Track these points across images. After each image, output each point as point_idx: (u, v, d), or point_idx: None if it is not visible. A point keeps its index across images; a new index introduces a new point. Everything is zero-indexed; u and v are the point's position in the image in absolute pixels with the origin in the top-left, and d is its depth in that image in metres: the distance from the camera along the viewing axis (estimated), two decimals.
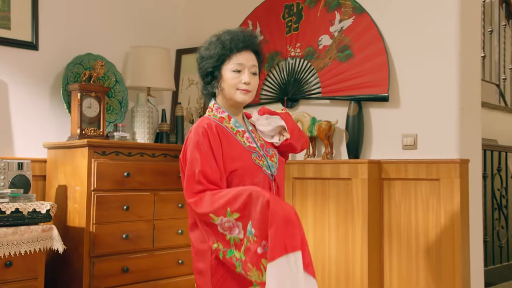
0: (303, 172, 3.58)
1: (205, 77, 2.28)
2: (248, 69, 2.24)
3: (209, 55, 2.25)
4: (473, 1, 3.41)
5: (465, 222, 3.16)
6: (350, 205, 3.39)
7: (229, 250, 2.02)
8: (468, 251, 3.19)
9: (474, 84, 3.41)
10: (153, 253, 3.59)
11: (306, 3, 3.81)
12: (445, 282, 3.13)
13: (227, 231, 2.02)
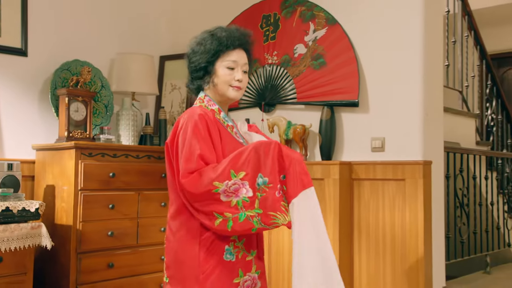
0: None
1: (197, 71, 2.19)
2: (241, 67, 2.19)
3: (204, 50, 2.17)
4: (436, 15, 3.50)
5: (428, 219, 3.24)
6: (322, 203, 3.43)
7: (240, 214, 1.93)
8: (430, 246, 3.27)
9: (437, 91, 3.49)
10: (137, 250, 3.61)
11: (282, 14, 3.87)
12: (410, 276, 3.21)
13: (233, 196, 1.94)
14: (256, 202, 1.93)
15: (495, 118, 5.65)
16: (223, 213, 1.93)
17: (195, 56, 2.20)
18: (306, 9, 3.74)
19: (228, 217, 1.93)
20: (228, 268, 2.01)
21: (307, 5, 3.74)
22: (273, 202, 1.92)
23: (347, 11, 3.58)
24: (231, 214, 1.92)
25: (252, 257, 2.08)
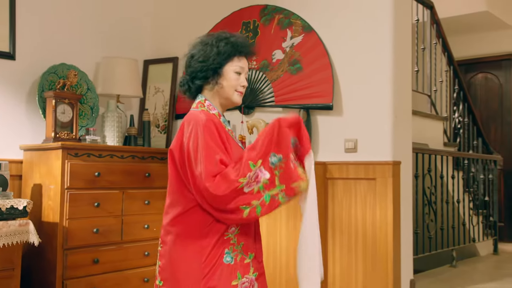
0: None
1: (204, 71, 2.06)
2: (245, 74, 2.14)
3: (218, 52, 2.05)
4: (405, 24, 3.54)
5: (397, 216, 3.30)
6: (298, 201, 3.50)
7: (264, 197, 1.90)
8: (399, 242, 3.32)
9: (406, 95, 3.53)
10: (122, 246, 3.62)
11: (261, 21, 3.91)
12: (380, 269, 3.26)
13: (254, 183, 1.90)
14: (276, 180, 1.91)
15: (462, 121, 5.73)
16: (250, 202, 1.89)
17: (205, 56, 2.06)
18: (283, 17, 3.78)
19: (255, 204, 1.89)
20: (227, 271, 1.97)
21: (285, 13, 3.78)
22: (291, 174, 1.91)
23: (322, 19, 3.62)
24: (257, 200, 1.89)
25: (250, 260, 2.04)
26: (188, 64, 2.12)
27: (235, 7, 4.03)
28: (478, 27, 6.54)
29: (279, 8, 3.81)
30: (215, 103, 2.10)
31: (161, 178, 3.91)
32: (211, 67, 2.05)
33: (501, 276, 4.35)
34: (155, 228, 3.84)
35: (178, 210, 2.01)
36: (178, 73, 4.29)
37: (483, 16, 6.12)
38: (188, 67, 2.12)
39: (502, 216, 6.60)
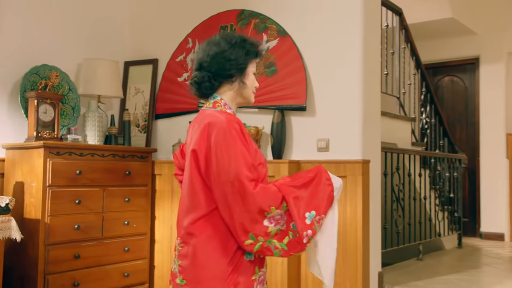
0: None
1: (233, 70, 1.98)
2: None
3: (247, 52, 2.00)
4: (374, 29, 3.60)
5: (366, 212, 3.35)
6: None
7: (268, 241, 1.86)
8: (368, 236, 3.38)
9: (375, 97, 3.58)
10: (102, 242, 3.63)
11: (238, 25, 3.94)
12: (350, 263, 3.32)
13: (273, 224, 1.86)
14: (286, 238, 1.87)
15: (429, 121, 5.80)
16: (258, 236, 1.85)
17: (235, 55, 1.98)
18: (259, 21, 3.83)
19: (259, 241, 1.86)
20: (247, 267, 1.95)
21: (261, 18, 3.82)
22: (298, 246, 1.88)
23: (296, 24, 3.67)
24: (263, 239, 1.85)
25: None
26: (211, 61, 1.99)
27: (213, 11, 4.06)
28: (445, 32, 6.66)
29: (255, 13, 3.85)
30: (232, 102, 2.04)
31: (141, 176, 3.93)
32: (240, 66, 1.99)
33: (464, 268, 4.46)
34: (135, 225, 3.85)
35: (201, 211, 1.93)
36: (158, 74, 4.31)
37: (449, 22, 6.23)
38: (210, 64, 1.99)
39: (466, 212, 6.73)
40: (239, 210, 1.84)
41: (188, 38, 4.18)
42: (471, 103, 6.95)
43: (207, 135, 1.90)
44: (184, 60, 4.18)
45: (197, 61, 2.05)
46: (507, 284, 3.84)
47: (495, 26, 6.59)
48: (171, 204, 3.98)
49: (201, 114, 2.02)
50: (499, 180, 6.51)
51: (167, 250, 3.99)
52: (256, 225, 1.84)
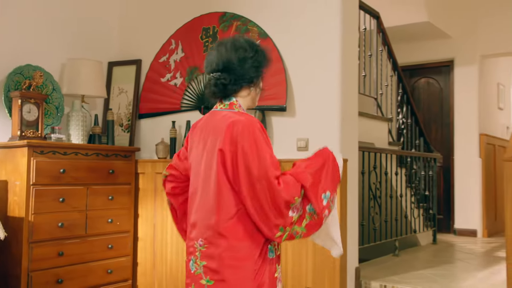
0: None
1: (256, 76, 2.04)
2: None
3: (268, 59, 2.08)
4: (352, 32, 3.64)
5: (343, 209, 3.38)
6: None
7: (292, 229, 1.91)
8: (345, 233, 3.41)
9: (353, 98, 3.61)
10: (86, 239, 3.62)
11: (220, 27, 3.95)
12: (328, 258, 3.32)
13: (295, 212, 1.91)
14: (304, 222, 1.94)
15: (405, 122, 5.87)
16: (286, 227, 1.90)
17: (259, 63, 2.03)
18: (241, 23, 3.84)
19: (286, 231, 1.91)
20: (271, 264, 1.98)
21: (242, 20, 3.84)
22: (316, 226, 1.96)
23: (277, 27, 3.70)
24: (289, 229, 1.91)
25: (279, 251, 2.07)
26: (239, 65, 1.99)
27: (195, 14, 4.07)
28: (421, 36, 6.74)
29: (237, 15, 3.86)
30: (244, 105, 2.06)
31: (125, 175, 3.92)
32: (261, 73, 2.05)
33: (438, 263, 4.53)
34: (119, 222, 3.85)
35: (231, 211, 1.92)
36: (141, 74, 4.30)
37: (425, 26, 6.31)
38: (239, 68, 1.99)
39: (441, 209, 6.82)
40: (268, 207, 1.87)
41: (171, 39, 4.18)
42: (446, 104, 7.05)
43: (233, 135, 1.90)
44: (167, 61, 4.18)
45: (221, 61, 2.00)
46: (479, 278, 3.91)
47: (469, 30, 6.69)
48: (154, 202, 3.98)
49: (215, 114, 2.03)
50: (472, 179, 6.61)
51: (150, 247, 3.99)
52: (284, 218, 1.89)
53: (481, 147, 6.64)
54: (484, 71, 6.87)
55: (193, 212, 2.01)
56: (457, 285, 3.64)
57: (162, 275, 3.92)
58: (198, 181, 2.00)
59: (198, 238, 1.96)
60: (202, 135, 2.03)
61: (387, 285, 3.63)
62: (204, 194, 1.97)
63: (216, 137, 1.95)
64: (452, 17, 6.70)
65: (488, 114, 6.97)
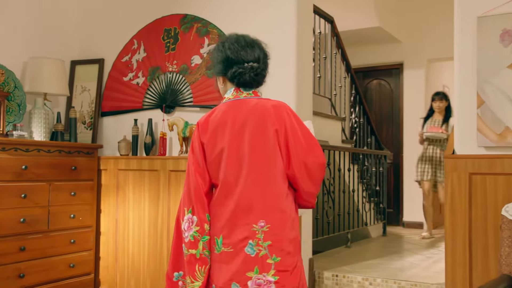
0: (177, 166, 3.72)
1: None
2: None
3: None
4: (307, 35, 3.70)
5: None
6: None
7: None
8: (300, 226, 3.49)
9: (307, 98, 3.68)
10: (48, 234, 3.58)
11: (181, 29, 3.96)
12: None
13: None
14: None
15: (358, 121, 5.99)
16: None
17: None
18: (201, 26, 3.87)
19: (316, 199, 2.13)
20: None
21: (203, 23, 3.86)
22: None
23: (236, 29, 3.66)
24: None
25: None
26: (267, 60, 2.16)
27: (157, 15, 4.07)
28: (372, 40, 6.91)
29: (198, 17, 3.88)
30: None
31: (87, 171, 3.89)
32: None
33: (387, 253, 4.68)
34: (81, 218, 3.81)
35: (285, 189, 1.96)
36: (104, 73, 4.27)
37: (377, 31, 6.48)
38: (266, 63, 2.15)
39: (391, 203, 7.01)
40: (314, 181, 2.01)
41: (133, 39, 4.16)
42: (396, 105, 7.24)
43: (282, 116, 1.98)
44: (129, 60, 4.16)
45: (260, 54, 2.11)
46: (423, 266, 4.07)
47: (417, 35, 6.90)
48: (117, 198, 3.96)
49: (244, 102, 2.03)
50: None
51: (112, 241, 3.97)
52: (320, 185, 2.09)
53: None
54: (431, 74, 7.10)
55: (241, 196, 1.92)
56: (403, 273, 3.77)
57: (124, 268, 3.90)
58: (239, 165, 1.94)
59: (257, 220, 1.91)
60: (238, 121, 1.98)
61: (338, 274, 3.72)
62: (256, 176, 1.93)
63: (264, 119, 1.97)
64: (401, 23, 6.90)
65: None
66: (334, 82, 5.56)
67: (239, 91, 2.07)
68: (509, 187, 2.75)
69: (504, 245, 2.45)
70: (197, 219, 1.94)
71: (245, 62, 2.04)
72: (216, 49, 2.11)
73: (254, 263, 1.89)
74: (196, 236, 1.94)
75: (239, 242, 1.91)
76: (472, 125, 2.88)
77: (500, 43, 2.78)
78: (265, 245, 1.90)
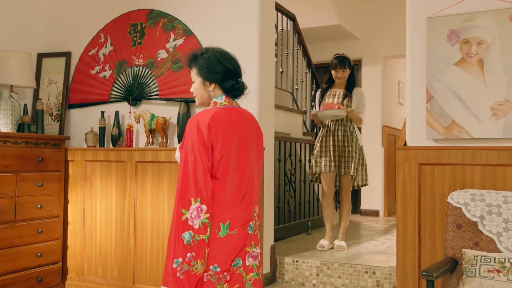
0: (144, 157, 3.71)
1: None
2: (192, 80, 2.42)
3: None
4: (269, 31, 3.72)
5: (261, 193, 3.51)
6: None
7: None
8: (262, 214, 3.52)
9: (269, 92, 3.72)
10: (15, 224, 3.51)
11: (148, 24, 3.93)
12: None
13: None
14: None
15: None
16: None
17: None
18: (167, 21, 3.85)
19: None
20: None
21: (169, 18, 3.84)
22: None
23: (200, 25, 3.73)
24: None
25: None
26: None
27: (124, 10, 4.02)
28: (332, 37, 7.00)
29: (164, 13, 3.86)
30: None
31: (54, 162, 3.83)
32: None
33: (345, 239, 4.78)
34: (48, 208, 3.76)
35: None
36: (71, 66, 4.19)
37: (336, 28, 6.56)
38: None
39: None
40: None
41: (100, 33, 4.10)
42: None
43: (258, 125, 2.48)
44: (96, 54, 4.10)
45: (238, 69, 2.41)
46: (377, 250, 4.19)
47: (374, 33, 7.04)
48: (84, 188, 3.91)
49: (239, 110, 2.37)
50: (376, 165, 6.98)
51: (79, 231, 3.93)
52: None
53: (384, 137, 7.02)
54: (387, 70, 7.26)
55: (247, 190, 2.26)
56: (359, 258, 3.88)
57: (91, 256, 3.87)
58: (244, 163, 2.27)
59: (255, 206, 2.31)
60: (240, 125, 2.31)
61: (298, 260, 3.80)
62: (255, 175, 2.33)
63: (255, 126, 2.41)
64: (360, 21, 7.02)
65: (390, 108, 7.38)
66: (296, 77, 5.62)
67: (229, 99, 2.35)
68: (455, 176, 2.87)
69: (449, 230, 2.57)
70: (206, 207, 2.13)
71: (239, 77, 2.39)
72: (215, 60, 2.34)
73: (252, 239, 2.27)
74: (206, 222, 2.12)
75: (244, 224, 2.23)
76: (422, 119, 2.99)
77: (448, 43, 2.89)
78: (257, 224, 2.32)
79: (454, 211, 2.57)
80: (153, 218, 3.64)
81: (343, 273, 3.62)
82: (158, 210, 3.64)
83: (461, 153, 2.85)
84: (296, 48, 5.57)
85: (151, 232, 3.65)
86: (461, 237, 2.51)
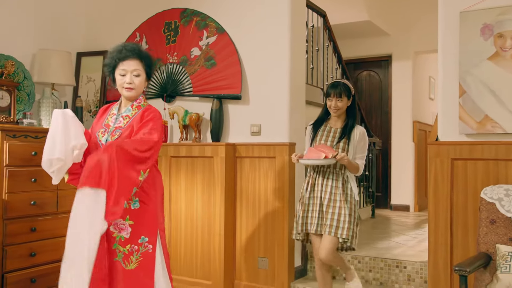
0: (178, 152, 3.77)
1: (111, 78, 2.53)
2: (131, 72, 2.43)
3: (106, 63, 2.52)
4: (301, 28, 3.72)
5: (292, 186, 3.48)
6: (212, 176, 3.61)
7: None
8: (293, 205, 3.54)
9: (300, 88, 3.71)
10: (57, 216, 3.61)
11: (181, 22, 3.97)
12: (278, 229, 3.46)
13: None
14: None
15: None
16: None
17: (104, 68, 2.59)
18: (200, 19, 3.88)
19: None
20: None
21: (202, 16, 3.87)
22: None
23: (233, 23, 3.75)
24: None
25: None
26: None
27: (158, 9, 4.07)
28: (362, 33, 6.91)
29: (197, 11, 3.89)
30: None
31: None
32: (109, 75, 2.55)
33: (376, 234, 4.74)
34: None
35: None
36: None
37: (366, 24, 6.47)
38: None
39: (379, 187, 7.06)
40: None
41: (136, 32, 4.16)
42: (385, 95, 7.26)
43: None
44: None
45: None
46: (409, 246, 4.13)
47: (404, 28, 6.91)
48: None
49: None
50: (406, 161, 6.88)
51: None
52: None
53: (414, 133, 6.90)
54: (417, 66, 7.12)
55: None
56: (389, 252, 3.83)
57: None
58: None
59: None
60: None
61: None
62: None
63: None
64: (390, 17, 6.90)
65: (420, 103, 7.24)
66: (326, 73, 5.57)
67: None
68: (488, 171, 2.80)
69: (482, 225, 2.51)
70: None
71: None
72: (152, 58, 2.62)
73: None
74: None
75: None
76: (454, 114, 2.92)
77: (481, 37, 2.81)
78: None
79: (488, 207, 2.51)
80: (187, 211, 3.68)
81: (374, 267, 3.58)
82: (191, 203, 3.68)
83: (494, 148, 2.78)
84: (326, 45, 5.52)
85: (185, 225, 3.69)
86: (494, 232, 2.45)
